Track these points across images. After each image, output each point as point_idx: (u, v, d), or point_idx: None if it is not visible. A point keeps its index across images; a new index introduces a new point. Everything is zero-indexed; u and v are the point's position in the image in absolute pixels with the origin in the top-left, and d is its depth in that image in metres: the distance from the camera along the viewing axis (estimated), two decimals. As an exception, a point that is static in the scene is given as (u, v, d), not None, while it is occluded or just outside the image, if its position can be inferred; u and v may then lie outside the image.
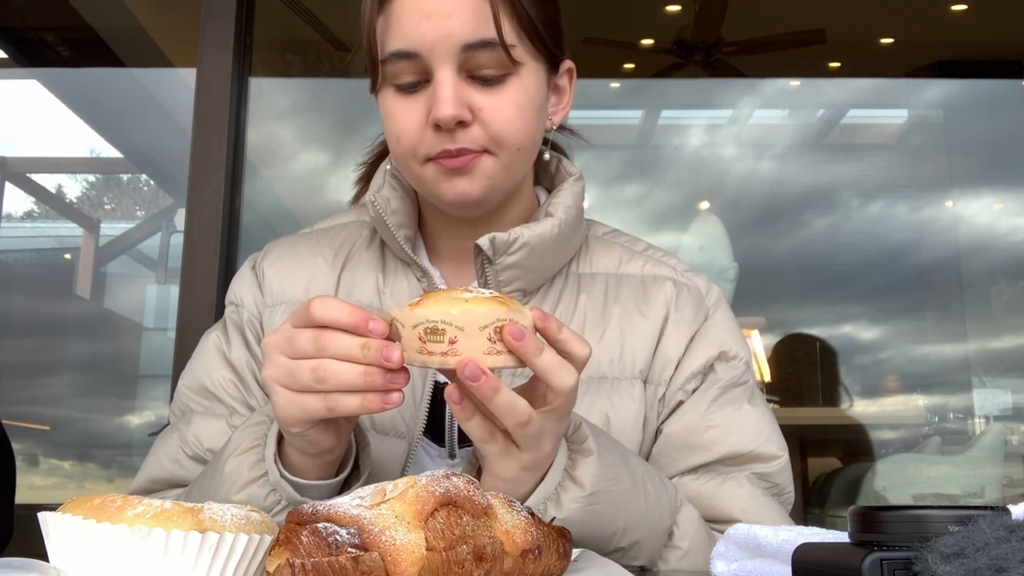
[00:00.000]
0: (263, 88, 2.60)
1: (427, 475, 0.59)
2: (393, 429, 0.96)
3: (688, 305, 1.03)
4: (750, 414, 1.00)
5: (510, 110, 0.92)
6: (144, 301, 5.27)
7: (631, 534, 0.84)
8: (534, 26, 0.94)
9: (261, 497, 0.82)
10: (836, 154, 5.52)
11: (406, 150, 0.93)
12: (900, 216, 5.23)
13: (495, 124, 0.91)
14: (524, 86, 0.93)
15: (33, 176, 5.37)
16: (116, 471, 4.76)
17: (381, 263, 1.05)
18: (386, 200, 1.00)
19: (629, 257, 1.08)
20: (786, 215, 5.37)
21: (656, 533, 0.87)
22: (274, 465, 0.83)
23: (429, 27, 0.89)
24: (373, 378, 0.72)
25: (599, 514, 0.81)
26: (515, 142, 0.93)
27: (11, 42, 4.25)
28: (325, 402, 0.73)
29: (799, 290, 5.40)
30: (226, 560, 0.55)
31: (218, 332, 1.08)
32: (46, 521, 0.56)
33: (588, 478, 0.80)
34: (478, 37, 0.89)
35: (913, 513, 0.47)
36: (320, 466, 0.83)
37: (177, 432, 1.02)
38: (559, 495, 0.79)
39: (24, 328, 4.72)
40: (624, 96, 5.38)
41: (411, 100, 0.93)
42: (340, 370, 0.72)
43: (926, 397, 5.03)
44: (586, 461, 0.80)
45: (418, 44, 0.90)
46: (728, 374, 1.01)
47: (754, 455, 0.98)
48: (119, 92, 4.63)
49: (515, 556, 0.59)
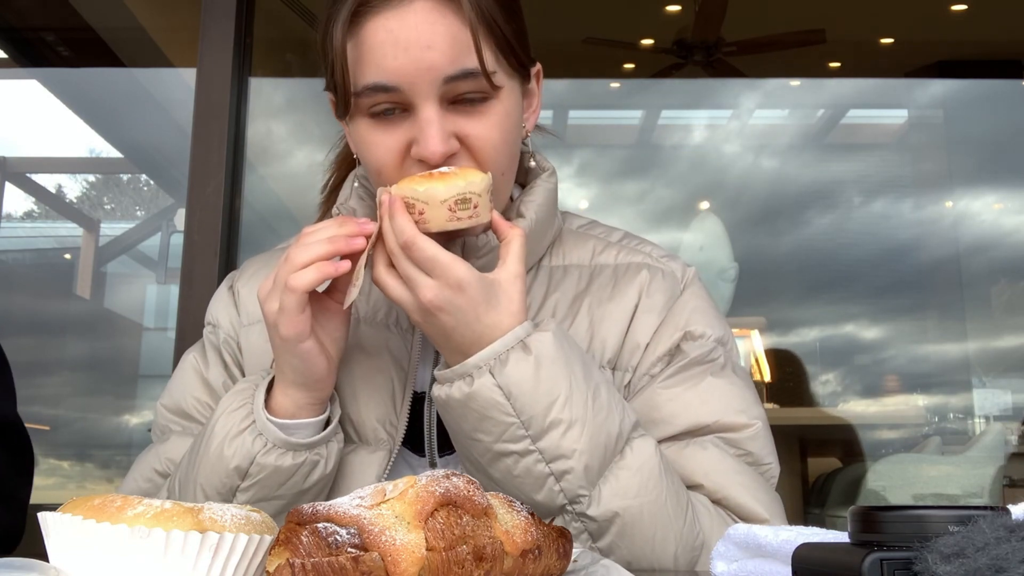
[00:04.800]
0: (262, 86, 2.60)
1: (427, 475, 0.59)
2: (374, 438, 0.97)
3: (661, 290, 1.01)
4: (715, 385, 0.96)
5: (495, 136, 0.91)
6: (144, 301, 5.27)
7: (571, 409, 0.84)
8: (510, 45, 0.92)
9: (249, 443, 0.88)
10: (836, 154, 5.52)
11: (387, 181, 0.91)
12: (900, 216, 5.23)
13: (482, 152, 0.91)
14: (505, 108, 0.92)
15: (33, 176, 5.38)
16: (116, 471, 4.77)
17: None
18: (351, 212, 1.00)
19: (603, 248, 1.06)
20: (786, 215, 5.37)
21: (604, 429, 0.85)
22: (261, 411, 0.89)
23: (408, 61, 0.86)
24: (336, 243, 0.85)
25: (541, 379, 0.83)
26: (500, 167, 0.92)
27: (11, 42, 4.25)
28: (313, 272, 0.84)
29: (799, 290, 5.40)
30: (226, 560, 0.55)
31: (196, 353, 1.09)
32: (46, 521, 0.56)
33: (537, 347, 0.84)
34: (459, 68, 0.87)
35: (913, 513, 0.47)
36: (308, 404, 0.90)
37: (154, 451, 1.03)
38: (507, 354, 0.84)
39: (24, 328, 4.72)
40: (624, 96, 5.38)
41: (389, 130, 0.90)
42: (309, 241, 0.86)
43: (926, 397, 5.03)
44: (541, 335, 0.85)
45: (396, 79, 0.87)
46: (694, 352, 0.98)
47: (719, 425, 0.95)
48: (119, 92, 4.63)
49: (515, 556, 0.59)
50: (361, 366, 0.98)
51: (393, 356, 0.98)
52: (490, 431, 0.84)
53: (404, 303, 0.85)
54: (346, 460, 0.95)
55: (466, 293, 0.83)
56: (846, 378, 5.27)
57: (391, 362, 0.98)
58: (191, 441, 0.98)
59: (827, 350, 5.22)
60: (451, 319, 0.83)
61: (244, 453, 0.88)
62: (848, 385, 5.26)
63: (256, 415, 0.89)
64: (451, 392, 0.85)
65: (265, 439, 0.88)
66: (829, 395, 5.18)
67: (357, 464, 0.94)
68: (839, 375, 5.31)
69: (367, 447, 0.96)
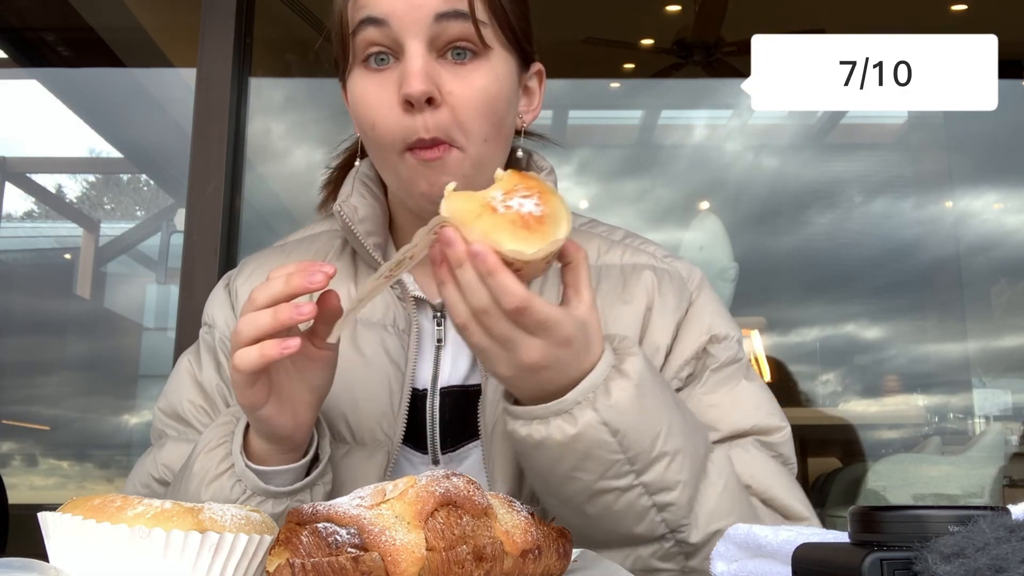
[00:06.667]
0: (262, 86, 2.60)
1: (427, 475, 0.59)
2: (372, 439, 0.95)
3: (671, 292, 1.01)
4: (748, 389, 0.98)
5: (478, 96, 0.90)
6: (144, 301, 5.27)
7: (673, 440, 0.81)
8: (505, 13, 0.93)
9: (228, 488, 0.84)
10: (836, 154, 5.52)
11: (383, 136, 0.91)
12: (900, 216, 5.23)
13: (462, 109, 0.90)
14: (494, 72, 0.92)
15: (33, 176, 5.38)
16: (115, 471, 4.76)
17: (353, 272, 1.05)
18: (353, 209, 1.00)
19: (608, 247, 1.06)
20: (786, 215, 5.37)
21: (696, 453, 0.84)
22: (239, 455, 0.85)
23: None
24: (282, 314, 0.76)
25: (645, 409, 0.79)
26: (481, 131, 0.91)
27: (11, 42, 4.25)
28: (257, 350, 0.77)
29: (799, 290, 5.40)
30: (226, 560, 0.55)
31: (191, 355, 1.08)
32: (46, 521, 0.56)
33: (635, 373, 0.79)
34: (450, 7, 0.89)
35: (913, 513, 0.47)
36: (283, 453, 0.85)
37: (151, 457, 1.02)
38: (607, 384, 0.78)
39: (24, 328, 4.72)
40: (624, 96, 5.38)
41: (382, 78, 0.91)
42: (256, 316, 0.77)
43: (926, 397, 5.03)
44: (632, 359, 0.80)
45: (388, 11, 0.89)
46: (723, 354, 0.99)
47: (757, 429, 0.96)
48: (119, 92, 4.63)
49: (515, 556, 0.59)
50: (357, 368, 0.97)
51: (390, 356, 0.97)
52: (593, 470, 0.79)
53: (496, 363, 0.77)
54: (345, 463, 0.94)
55: (572, 346, 0.77)
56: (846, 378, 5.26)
57: (388, 362, 0.97)
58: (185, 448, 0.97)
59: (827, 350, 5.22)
60: (553, 374, 0.77)
61: (223, 499, 0.84)
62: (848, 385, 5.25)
63: (235, 458, 0.85)
64: (549, 432, 0.78)
65: (244, 486, 0.84)
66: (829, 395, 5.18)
67: (357, 467, 0.93)
68: (839, 375, 5.31)
69: (364, 449, 0.95)
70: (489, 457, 0.94)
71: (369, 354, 0.98)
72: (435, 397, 0.96)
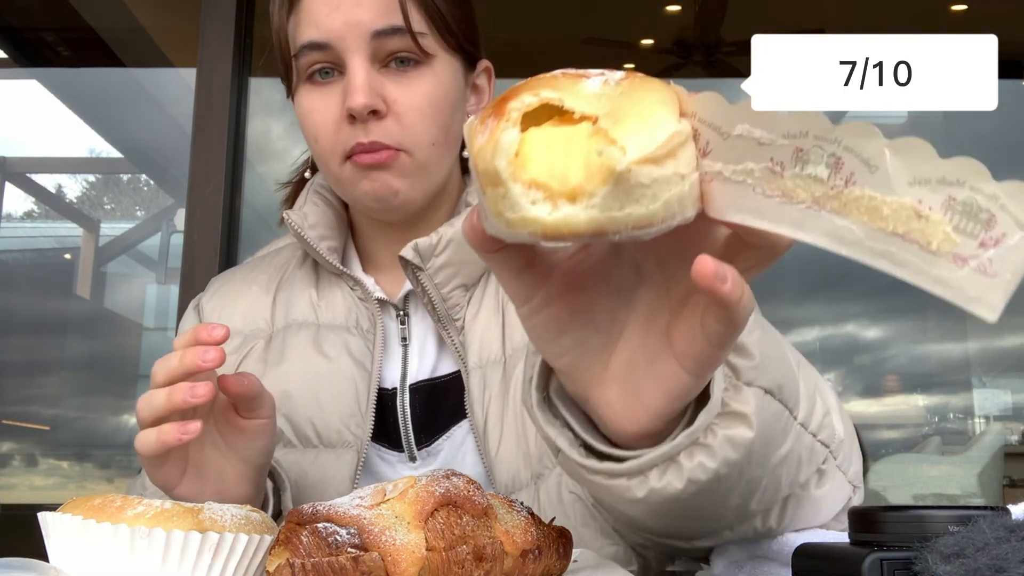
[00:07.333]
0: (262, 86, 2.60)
1: (427, 475, 0.59)
2: (339, 440, 0.95)
3: None
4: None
5: (423, 102, 0.92)
6: (144, 301, 5.28)
7: (791, 353, 0.68)
8: (444, 20, 0.94)
9: None
10: (836, 154, 5.52)
11: (324, 148, 0.93)
12: (900, 216, 5.23)
13: (408, 117, 0.91)
14: (438, 78, 0.93)
15: (33, 176, 5.38)
16: (115, 471, 4.77)
17: (315, 279, 1.05)
18: (303, 216, 1.00)
19: None
20: (786, 215, 5.37)
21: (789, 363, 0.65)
22: None
23: (339, 17, 0.90)
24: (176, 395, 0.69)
25: (775, 341, 0.64)
26: (428, 137, 0.93)
27: (11, 42, 4.25)
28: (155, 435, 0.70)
29: (799, 289, 5.40)
30: (226, 560, 0.55)
31: None
32: (46, 521, 0.56)
33: (753, 345, 0.58)
34: (387, 24, 0.90)
35: (913, 513, 0.47)
36: None
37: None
38: (735, 385, 0.57)
39: (24, 328, 4.72)
40: (624, 96, 5.38)
41: (326, 93, 0.93)
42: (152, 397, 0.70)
43: (926, 397, 5.03)
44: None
45: (328, 34, 0.91)
46: None
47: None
48: (119, 92, 4.64)
49: (515, 556, 0.59)
50: (322, 370, 0.97)
51: (353, 357, 0.97)
52: (771, 455, 0.61)
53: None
54: (315, 464, 0.94)
55: None
56: (846, 378, 5.27)
57: (352, 363, 0.97)
58: None
59: (827, 350, 5.22)
60: None
61: None
62: (848, 385, 5.26)
63: None
64: (719, 449, 0.55)
65: None
66: (829, 395, 5.18)
67: (327, 468, 0.92)
68: (839, 375, 5.31)
69: (333, 451, 0.95)
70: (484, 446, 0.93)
71: (333, 356, 0.98)
72: (405, 395, 0.97)
